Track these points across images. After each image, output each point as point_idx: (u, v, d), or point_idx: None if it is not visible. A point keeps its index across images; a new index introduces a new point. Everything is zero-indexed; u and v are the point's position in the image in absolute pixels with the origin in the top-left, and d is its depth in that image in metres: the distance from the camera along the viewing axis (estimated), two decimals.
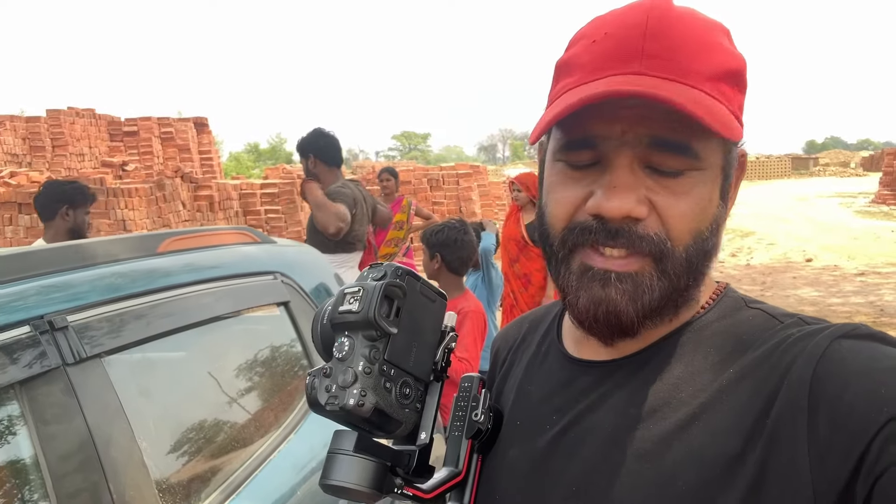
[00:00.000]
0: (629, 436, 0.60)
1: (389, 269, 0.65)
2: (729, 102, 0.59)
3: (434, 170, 13.53)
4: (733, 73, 0.60)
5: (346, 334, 0.62)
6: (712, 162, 0.60)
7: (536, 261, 4.62)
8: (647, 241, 0.58)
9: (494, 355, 0.85)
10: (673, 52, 0.57)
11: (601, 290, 0.60)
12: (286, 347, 1.88)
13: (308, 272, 2.15)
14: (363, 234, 3.81)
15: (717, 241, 0.63)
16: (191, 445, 1.40)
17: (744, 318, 0.63)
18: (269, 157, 49.36)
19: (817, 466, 0.50)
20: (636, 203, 0.58)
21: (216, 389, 1.58)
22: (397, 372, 0.63)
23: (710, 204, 0.60)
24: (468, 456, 0.68)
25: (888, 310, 7.10)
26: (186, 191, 10.79)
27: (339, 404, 0.59)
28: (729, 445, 0.55)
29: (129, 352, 1.32)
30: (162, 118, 16.08)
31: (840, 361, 0.52)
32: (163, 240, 1.70)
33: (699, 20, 0.60)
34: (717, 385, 0.58)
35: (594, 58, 0.60)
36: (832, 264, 10.34)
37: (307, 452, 1.69)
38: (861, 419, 0.49)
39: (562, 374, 0.70)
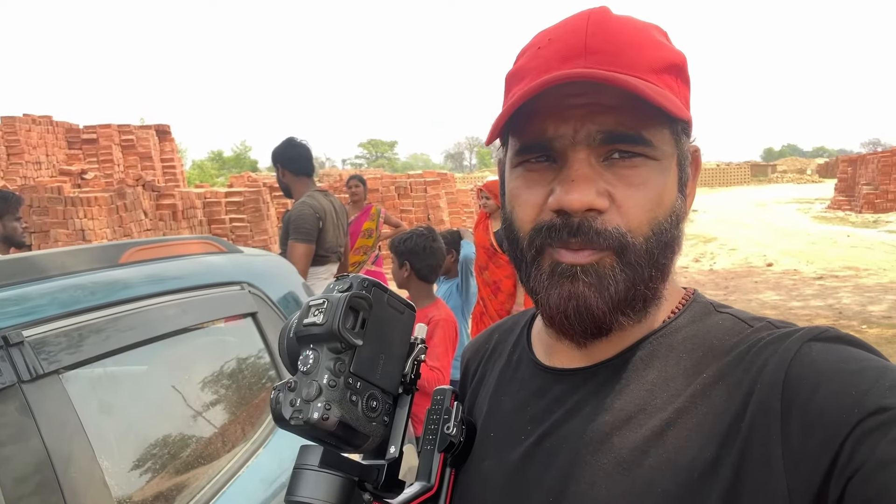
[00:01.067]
0: (605, 443, 0.60)
1: (355, 280, 0.64)
2: (673, 92, 0.61)
3: (402, 177, 13.50)
4: (675, 66, 0.62)
5: (311, 347, 0.61)
6: (666, 151, 0.61)
7: (505, 268, 4.63)
8: (605, 236, 0.59)
9: (465, 367, 0.84)
10: (615, 46, 0.59)
11: (570, 286, 0.60)
12: (254, 359, 1.83)
13: (276, 282, 2.11)
14: (336, 246, 3.72)
15: (678, 235, 0.63)
16: (155, 463, 1.35)
17: (714, 322, 0.63)
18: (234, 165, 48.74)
19: (791, 469, 0.50)
20: (596, 195, 0.58)
21: (181, 404, 1.53)
22: (363, 385, 0.61)
23: (668, 194, 0.61)
24: (440, 470, 0.67)
25: (846, 312, 7.30)
26: (148, 199, 10.56)
27: (303, 418, 0.58)
28: (705, 451, 0.55)
29: (89, 367, 1.27)
30: (122, 125, 15.69)
31: (811, 364, 0.53)
32: (125, 250, 1.65)
33: (636, 22, 0.63)
34: (690, 390, 0.59)
35: (541, 62, 0.61)
36: (792, 268, 10.61)
37: (276, 467, 1.65)
38: (832, 421, 0.49)
39: (534, 384, 0.69)
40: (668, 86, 0.60)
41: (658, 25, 0.65)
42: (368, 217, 5.68)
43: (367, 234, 5.61)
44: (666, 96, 0.58)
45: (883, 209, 19.99)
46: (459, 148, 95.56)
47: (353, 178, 5.98)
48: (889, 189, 20.25)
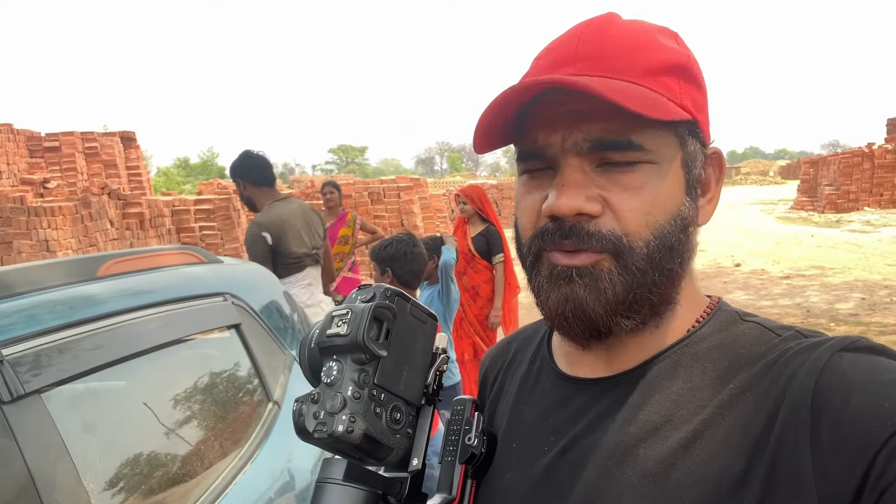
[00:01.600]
0: (631, 455, 0.58)
1: (378, 290, 0.63)
2: (673, 94, 0.59)
3: (374, 183, 13.44)
4: (676, 66, 0.61)
5: (334, 358, 0.60)
6: (665, 154, 0.60)
7: (484, 273, 4.63)
8: (597, 238, 0.58)
9: (483, 376, 0.82)
10: (607, 51, 0.59)
11: (566, 287, 0.60)
12: (239, 372, 1.79)
13: (258, 292, 2.07)
14: (310, 249, 3.68)
15: (686, 239, 0.62)
16: (142, 483, 1.30)
17: (740, 331, 0.62)
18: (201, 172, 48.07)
19: (822, 481, 0.49)
20: (585, 200, 0.58)
21: (167, 421, 1.48)
22: (388, 396, 0.60)
23: (669, 198, 0.60)
24: (462, 481, 0.65)
25: (814, 311, 7.47)
26: (114, 208, 10.32)
27: (327, 431, 0.56)
28: (733, 463, 0.54)
29: (71, 386, 1.22)
30: (86, 133, 15.31)
31: (841, 374, 0.52)
32: (102, 263, 1.60)
33: (642, 25, 0.62)
34: (717, 401, 0.57)
35: (537, 72, 0.63)
36: (760, 268, 10.83)
37: (264, 482, 1.61)
38: (865, 434, 0.48)
39: (556, 393, 0.68)
40: (665, 87, 0.59)
41: (668, 28, 0.64)
42: (344, 224, 5.63)
43: (344, 240, 5.56)
44: (645, 99, 0.56)
45: (844, 209, 20.56)
46: (430, 153, 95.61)
47: (327, 184, 5.91)
48: (850, 189, 20.84)
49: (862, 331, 6.41)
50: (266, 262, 3.38)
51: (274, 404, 1.82)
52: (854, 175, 20.83)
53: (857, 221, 17.67)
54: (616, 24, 0.61)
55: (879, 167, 20.55)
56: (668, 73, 0.60)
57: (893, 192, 20.55)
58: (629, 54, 0.59)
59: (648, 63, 0.59)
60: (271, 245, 3.45)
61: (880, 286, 8.68)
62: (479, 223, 4.71)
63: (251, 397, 1.78)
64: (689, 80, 0.62)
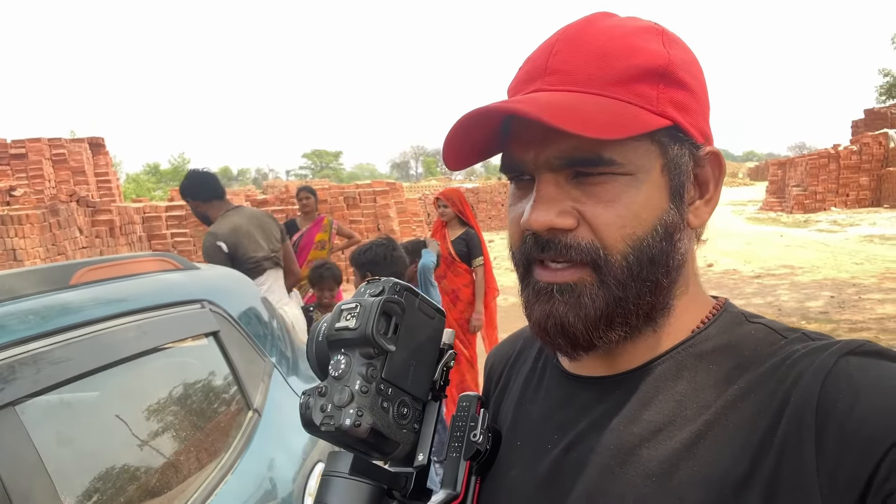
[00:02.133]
0: (634, 455, 0.58)
1: (387, 284, 0.63)
2: (648, 101, 0.58)
3: (350, 188, 13.37)
4: (652, 71, 0.59)
5: (342, 352, 0.60)
6: (640, 165, 0.59)
7: (464, 276, 4.62)
8: (575, 250, 0.59)
9: (488, 373, 0.83)
10: (573, 65, 0.59)
11: (547, 304, 0.61)
12: (218, 380, 1.76)
13: (236, 298, 2.04)
14: (269, 252, 3.73)
15: (671, 247, 0.61)
16: (121, 496, 1.26)
17: (746, 332, 0.62)
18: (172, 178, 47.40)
19: (826, 485, 0.49)
20: (556, 215, 0.58)
21: (146, 432, 1.45)
22: (395, 391, 0.60)
23: (646, 208, 0.59)
24: (466, 478, 0.65)
25: (785, 309, 7.61)
26: (83, 216, 10.13)
27: (334, 424, 0.57)
28: (737, 465, 0.53)
29: (46, 397, 1.18)
30: (53, 139, 15.00)
31: (848, 378, 0.52)
32: (75, 270, 1.55)
33: (620, 27, 0.61)
34: (721, 402, 0.57)
35: (514, 84, 0.64)
36: (732, 268, 11.00)
37: (246, 492, 1.58)
38: (870, 438, 0.48)
39: (560, 392, 0.68)
40: (638, 95, 0.58)
41: (655, 26, 0.63)
42: (321, 228, 5.58)
43: (321, 245, 5.51)
44: (603, 117, 0.56)
45: (812, 209, 21.01)
46: (405, 157, 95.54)
47: (302, 189, 5.85)
48: (817, 190, 21.31)
49: (832, 328, 6.54)
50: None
51: (254, 412, 1.80)
52: (821, 176, 21.30)
53: (824, 221, 18.06)
54: (594, 29, 0.60)
55: (845, 168, 21.06)
56: (642, 80, 0.58)
57: (859, 192, 21.07)
58: (600, 64, 0.58)
59: (618, 72, 0.58)
60: (228, 253, 3.55)
61: (848, 284, 8.88)
62: (457, 227, 4.70)
63: (231, 406, 1.75)
64: (670, 83, 0.60)
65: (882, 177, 20.84)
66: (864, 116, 27.58)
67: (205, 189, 3.77)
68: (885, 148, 20.96)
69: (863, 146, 21.15)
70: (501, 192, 25.80)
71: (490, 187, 26.30)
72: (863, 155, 21.01)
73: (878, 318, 6.86)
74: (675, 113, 0.60)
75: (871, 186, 21.06)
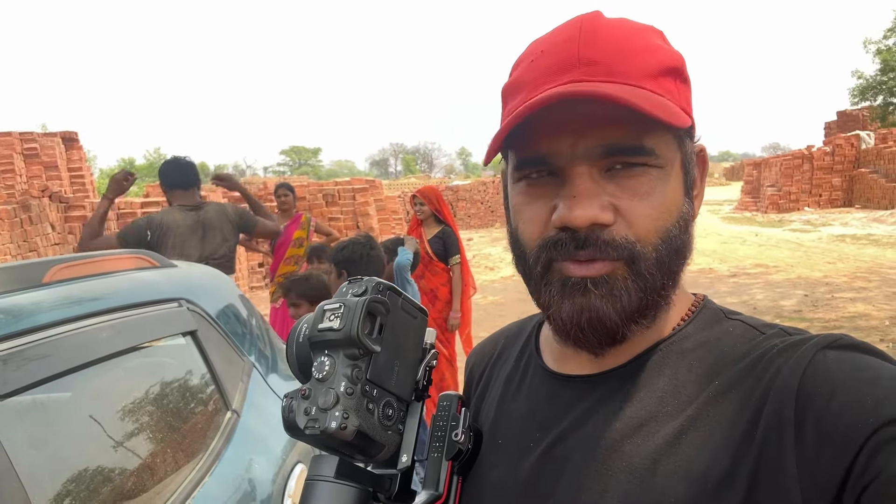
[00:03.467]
0: (616, 451, 0.59)
1: (370, 284, 0.61)
2: (673, 96, 0.60)
3: (329, 185, 13.29)
4: (673, 69, 0.61)
5: (325, 353, 0.58)
6: (670, 158, 0.60)
7: (441, 275, 4.61)
8: (614, 246, 0.58)
9: (469, 372, 0.82)
10: (609, 56, 0.58)
11: (581, 298, 0.59)
12: (196, 381, 1.73)
13: (214, 296, 2.00)
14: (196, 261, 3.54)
15: (688, 240, 0.63)
16: (97, 498, 1.23)
17: (724, 329, 0.63)
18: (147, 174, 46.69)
19: (806, 478, 0.50)
20: (600, 210, 0.58)
21: (121, 434, 1.42)
22: (380, 392, 0.59)
23: (674, 201, 0.61)
24: (448, 478, 0.65)
25: (760, 308, 7.72)
26: (56, 212, 9.93)
27: (319, 427, 0.55)
28: (718, 460, 0.54)
29: (17, 399, 1.15)
30: (24, 133, 14.66)
31: (825, 372, 0.53)
32: (48, 268, 1.51)
33: (630, 26, 0.62)
34: (702, 398, 0.58)
35: (536, 75, 0.61)
36: (707, 267, 11.14)
37: (224, 493, 1.56)
38: (848, 430, 0.49)
39: (543, 390, 0.68)
40: (666, 90, 0.59)
41: (653, 27, 0.64)
42: (298, 226, 5.53)
43: (298, 243, 5.46)
44: (664, 106, 0.57)
45: (786, 209, 21.38)
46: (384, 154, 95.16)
47: (281, 186, 5.80)
48: (791, 190, 21.68)
49: (805, 326, 6.65)
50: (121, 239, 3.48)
51: (233, 413, 1.77)
52: (795, 176, 21.67)
53: (797, 221, 18.38)
54: (608, 24, 0.61)
55: (818, 169, 21.46)
56: (666, 75, 0.60)
57: (832, 193, 21.48)
58: (631, 58, 0.58)
59: (648, 66, 0.59)
60: (148, 243, 3.44)
61: (821, 283, 9.04)
62: (433, 225, 4.68)
63: (209, 406, 1.72)
64: (684, 80, 0.62)
65: (854, 178, 21.28)
66: (837, 118, 28.14)
67: (170, 176, 3.73)
68: (856, 149, 21.40)
69: (835, 147, 21.58)
70: (480, 190, 25.85)
71: (469, 186, 26.33)
72: (835, 156, 21.44)
73: (850, 317, 6.99)
74: (690, 110, 0.62)
75: (843, 187, 21.49)
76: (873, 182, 20.00)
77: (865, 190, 20.51)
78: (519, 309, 7.50)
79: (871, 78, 24.48)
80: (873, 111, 25.99)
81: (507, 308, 8.42)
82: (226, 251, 3.78)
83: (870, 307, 7.37)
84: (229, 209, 3.88)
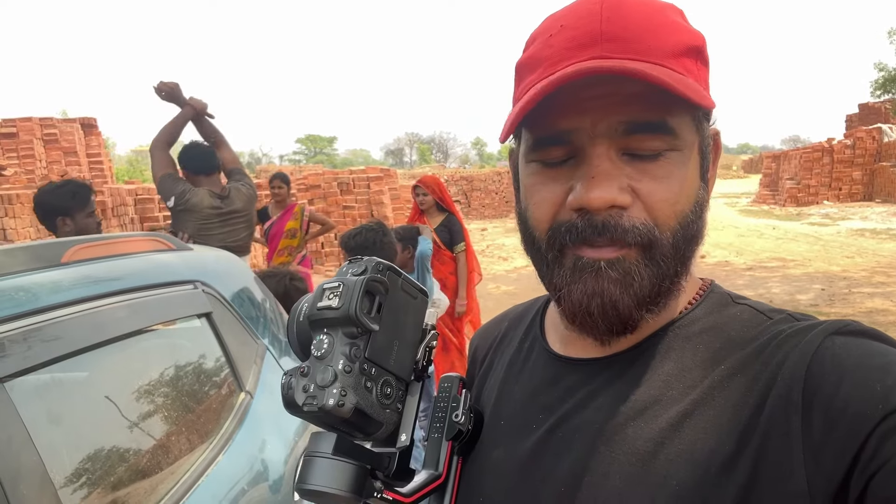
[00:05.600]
0: (620, 434, 0.58)
1: (370, 263, 0.62)
2: (694, 76, 0.58)
3: (344, 173, 13.29)
4: (694, 48, 0.59)
5: (324, 331, 0.59)
6: (689, 141, 0.59)
7: (449, 264, 4.61)
8: (633, 232, 0.57)
9: (473, 354, 0.82)
10: (631, 32, 0.56)
11: (594, 281, 0.58)
12: (210, 362, 1.75)
13: (229, 279, 2.02)
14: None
15: (702, 225, 0.62)
16: (112, 476, 1.26)
17: (732, 314, 0.62)
18: None
19: (812, 464, 0.49)
20: (618, 191, 0.56)
21: (137, 412, 1.44)
22: (378, 371, 0.59)
23: (691, 185, 0.59)
24: (448, 458, 0.66)
25: (776, 301, 7.65)
26: None
27: (317, 405, 0.55)
28: (722, 444, 0.54)
29: (36, 376, 1.17)
30: (44, 119, 14.82)
31: (834, 358, 0.52)
32: (67, 248, 1.54)
33: (653, 2, 0.60)
34: (708, 382, 0.57)
35: (554, 51, 0.58)
36: (724, 260, 11.04)
37: (237, 473, 1.58)
38: (856, 416, 0.49)
39: (547, 373, 0.68)
40: (687, 70, 0.58)
41: (674, 4, 0.62)
42: (291, 216, 5.39)
43: (291, 234, 5.37)
44: (689, 85, 0.55)
45: (805, 202, 21.10)
46: (399, 143, 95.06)
47: (275, 177, 5.59)
48: (810, 183, 21.39)
49: None
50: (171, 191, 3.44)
51: (246, 394, 1.79)
52: (814, 169, 21.37)
53: (816, 215, 18.14)
54: (629, 1, 0.58)
55: (838, 162, 21.13)
56: (687, 55, 0.58)
57: (852, 187, 21.17)
58: (653, 35, 0.56)
59: (671, 44, 0.57)
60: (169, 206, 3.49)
61: (839, 277, 8.93)
62: (436, 214, 4.66)
63: (223, 387, 1.75)
64: (703, 61, 0.61)
65: (874, 171, 20.94)
66: (859, 111, 27.65)
67: (192, 161, 3.64)
68: (878, 143, 21.04)
69: (856, 140, 21.23)
70: (495, 180, 25.76)
71: (484, 175, 26.25)
72: (856, 149, 21.09)
73: (867, 312, 6.91)
74: (708, 90, 0.60)
75: (864, 181, 21.17)
76: (894, 176, 19.68)
77: (886, 184, 20.18)
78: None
79: (893, 70, 24.00)
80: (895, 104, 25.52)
81: (520, 298, 8.35)
82: (245, 235, 3.77)
83: (888, 302, 7.28)
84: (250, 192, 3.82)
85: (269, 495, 1.65)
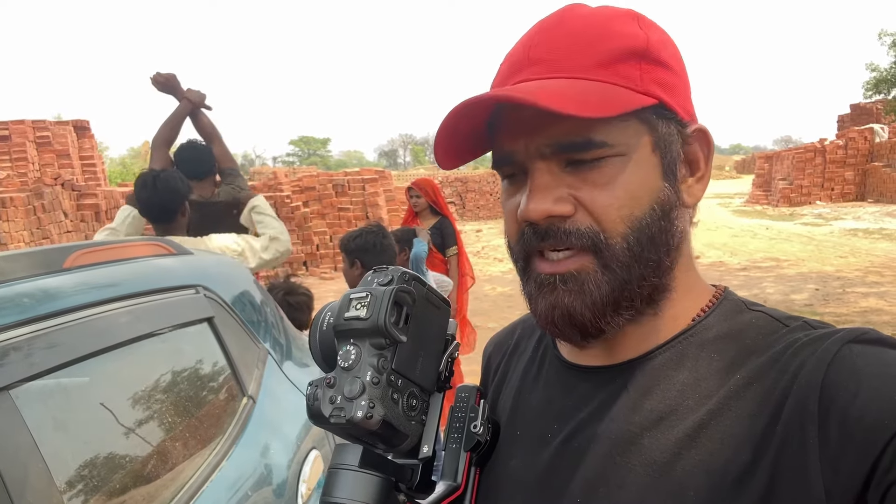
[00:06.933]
0: (635, 444, 0.58)
1: (396, 273, 0.62)
2: (632, 81, 0.59)
3: (339, 175, 13.29)
4: (633, 52, 0.59)
5: (351, 342, 0.58)
6: (631, 144, 0.59)
7: (441, 267, 4.60)
8: (576, 235, 0.59)
9: (486, 363, 0.82)
10: (555, 52, 0.60)
11: (551, 296, 0.61)
12: (212, 367, 1.75)
13: (230, 283, 2.02)
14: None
15: (669, 225, 0.61)
16: (116, 482, 1.25)
17: (746, 321, 0.62)
18: None
19: (829, 474, 0.49)
20: (554, 202, 0.59)
21: (140, 418, 1.44)
22: (405, 382, 0.59)
23: (642, 187, 0.59)
24: (466, 469, 0.65)
25: (771, 302, 7.68)
26: (69, 199, 9.99)
27: (345, 417, 0.55)
28: (739, 454, 0.53)
29: (41, 382, 1.17)
30: (37, 121, 14.74)
31: (851, 366, 0.52)
32: (69, 254, 1.53)
33: (596, 15, 0.61)
34: (723, 391, 0.57)
35: (499, 79, 0.64)
36: (718, 260, 11.09)
37: (241, 478, 1.58)
38: (873, 426, 0.48)
39: (560, 381, 0.68)
40: (622, 76, 0.58)
41: (630, 11, 0.63)
42: None
43: None
44: (591, 96, 0.56)
45: (798, 203, 21.21)
46: (393, 145, 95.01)
47: None
48: (803, 184, 21.51)
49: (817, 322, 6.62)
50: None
51: (248, 399, 1.79)
52: (807, 170, 21.49)
53: (809, 215, 18.24)
54: (570, 18, 0.61)
55: (831, 162, 21.26)
56: (623, 61, 0.59)
57: (844, 187, 21.29)
58: (580, 49, 0.59)
59: (600, 55, 0.58)
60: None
61: (833, 277, 8.98)
62: (430, 217, 4.66)
63: (225, 392, 1.74)
64: (651, 62, 0.60)
65: (867, 171, 21.07)
66: (850, 111, 27.81)
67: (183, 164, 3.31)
68: (870, 143, 21.18)
69: (848, 141, 21.37)
70: (490, 181, 25.78)
71: (478, 176, 26.26)
72: (848, 150, 21.23)
73: (861, 311, 6.95)
74: (659, 91, 0.60)
75: (856, 181, 21.30)
76: (887, 176, 19.79)
77: (878, 184, 20.30)
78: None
79: (885, 71, 24.14)
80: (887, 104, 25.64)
81: (516, 299, 8.41)
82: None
83: (882, 302, 7.33)
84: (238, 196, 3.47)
85: (273, 499, 1.64)
